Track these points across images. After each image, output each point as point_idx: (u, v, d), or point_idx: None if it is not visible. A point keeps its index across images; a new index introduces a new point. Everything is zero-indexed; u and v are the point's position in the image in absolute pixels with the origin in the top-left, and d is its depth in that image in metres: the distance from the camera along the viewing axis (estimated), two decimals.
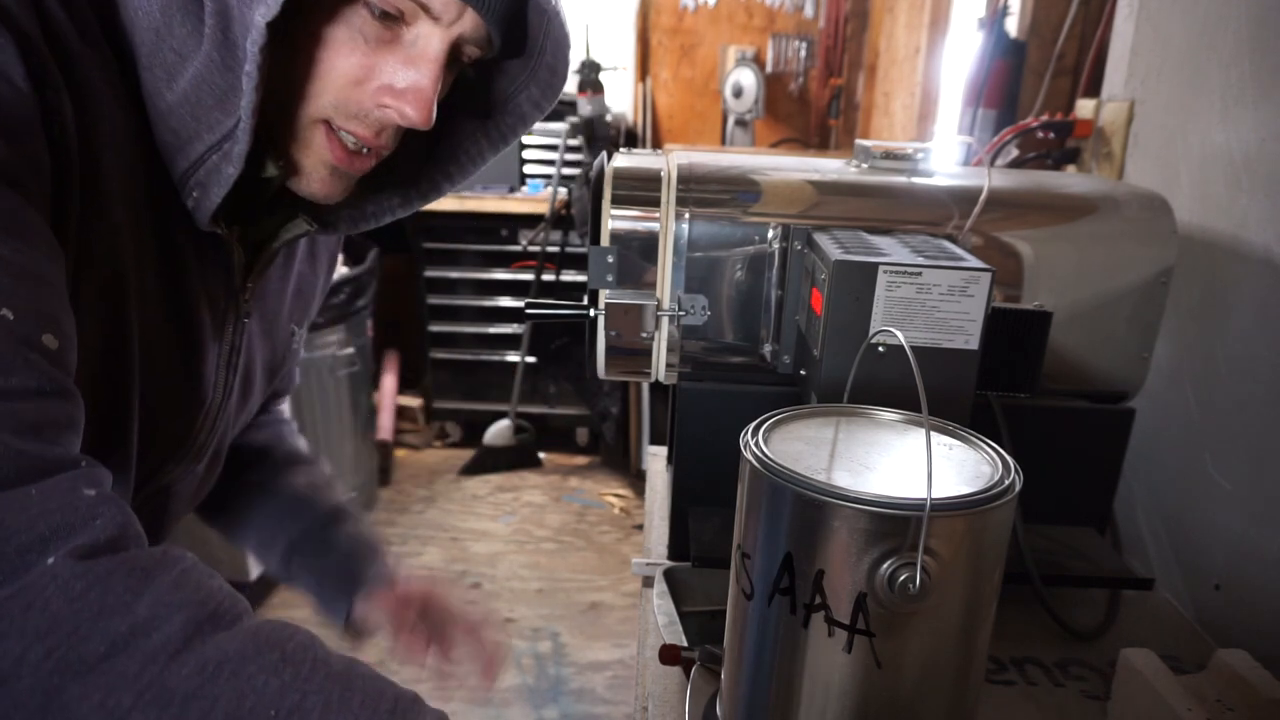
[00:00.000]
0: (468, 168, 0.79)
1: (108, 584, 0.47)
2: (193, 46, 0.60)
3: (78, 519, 0.48)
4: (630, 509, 3.34)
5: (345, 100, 0.65)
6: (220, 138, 0.63)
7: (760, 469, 0.59)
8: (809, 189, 0.96)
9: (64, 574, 0.46)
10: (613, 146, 3.14)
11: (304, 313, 0.94)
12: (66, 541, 0.47)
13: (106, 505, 0.50)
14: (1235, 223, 1.04)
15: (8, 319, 0.50)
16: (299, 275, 0.90)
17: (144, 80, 0.62)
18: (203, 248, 0.71)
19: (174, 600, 0.48)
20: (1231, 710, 0.71)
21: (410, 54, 0.65)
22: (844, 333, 0.79)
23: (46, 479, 0.49)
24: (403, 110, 0.65)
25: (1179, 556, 1.10)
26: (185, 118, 0.62)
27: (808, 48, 3.87)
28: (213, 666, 0.47)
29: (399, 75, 0.65)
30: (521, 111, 0.77)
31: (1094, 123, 1.38)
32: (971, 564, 0.58)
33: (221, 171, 0.64)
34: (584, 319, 0.97)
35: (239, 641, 0.49)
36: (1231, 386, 1.03)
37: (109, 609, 0.46)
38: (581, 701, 2.34)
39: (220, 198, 0.65)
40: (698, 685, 0.79)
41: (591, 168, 0.98)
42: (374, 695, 0.52)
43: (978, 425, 0.69)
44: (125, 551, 0.49)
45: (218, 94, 0.61)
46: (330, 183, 0.70)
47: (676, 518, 1.00)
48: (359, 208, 0.80)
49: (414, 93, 0.65)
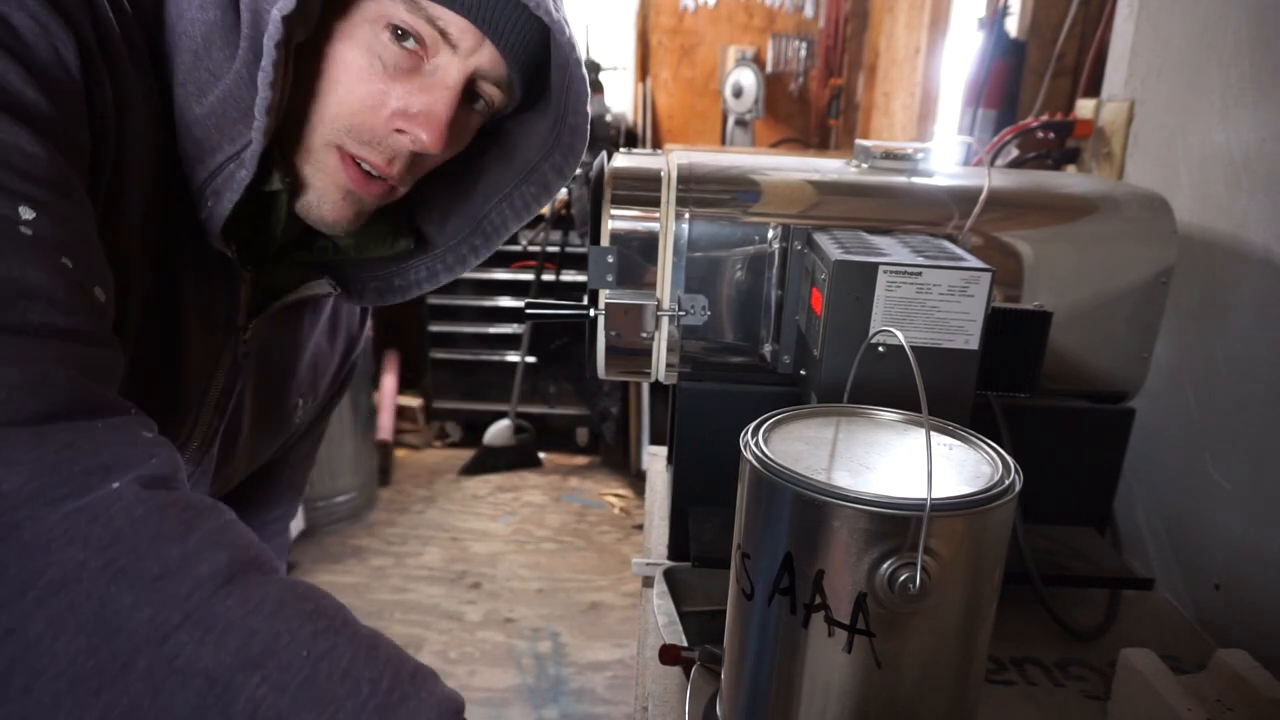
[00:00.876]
0: (493, 239, 0.80)
1: (165, 513, 0.50)
2: (226, 68, 0.63)
3: (139, 453, 0.51)
4: (630, 509, 3.34)
5: (360, 125, 0.67)
6: (240, 148, 0.64)
7: (760, 469, 0.59)
8: (809, 189, 0.96)
9: (128, 497, 0.49)
10: (613, 146, 3.14)
11: (313, 387, 0.93)
12: (130, 471, 0.50)
13: (161, 447, 0.53)
14: (1235, 223, 1.04)
15: (68, 267, 0.52)
16: (316, 346, 0.89)
17: (176, 95, 0.64)
18: (205, 276, 0.71)
19: (221, 540, 0.51)
20: (1231, 710, 0.71)
21: (427, 82, 0.66)
22: (844, 333, 0.79)
23: (110, 417, 0.52)
24: (415, 134, 0.66)
25: (1179, 556, 1.10)
26: (209, 129, 0.64)
27: (808, 48, 3.87)
28: (254, 603, 0.49)
29: (414, 100, 0.66)
30: (546, 180, 0.78)
31: (1094, 123, 1.38)
32: (971, 564, 0.58)
33: (235, 176, 0.65)
34: (584, 319, 0.97)
35: (278, 588, 0.51)
36: (1231, 386, 1.03)
37: (164, 535, 0.49)
38: (581, 701, 2.34)
39: (232, 203, 0.65)
40: (698, 685, 0.79)
41: (591, 168, 0.98)
42: (397, 659, 0.53)
43: (978, 425, 0.69)
44: (178, 490, 0.52)
45: (242, 107, 0.63)
46: (342, 207, 0.70)
47: (676, 518, 1.00)
48: (386, 280, 0.82)
49: (427, 116, 0.66)
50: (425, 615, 2.66)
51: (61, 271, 0.52)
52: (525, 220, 0.80)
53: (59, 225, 0.53)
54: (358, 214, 0.72)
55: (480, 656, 2.49)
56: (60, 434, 0.48)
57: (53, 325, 0.51)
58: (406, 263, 0.82)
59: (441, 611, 2.68)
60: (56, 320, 0.51)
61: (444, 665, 2.44)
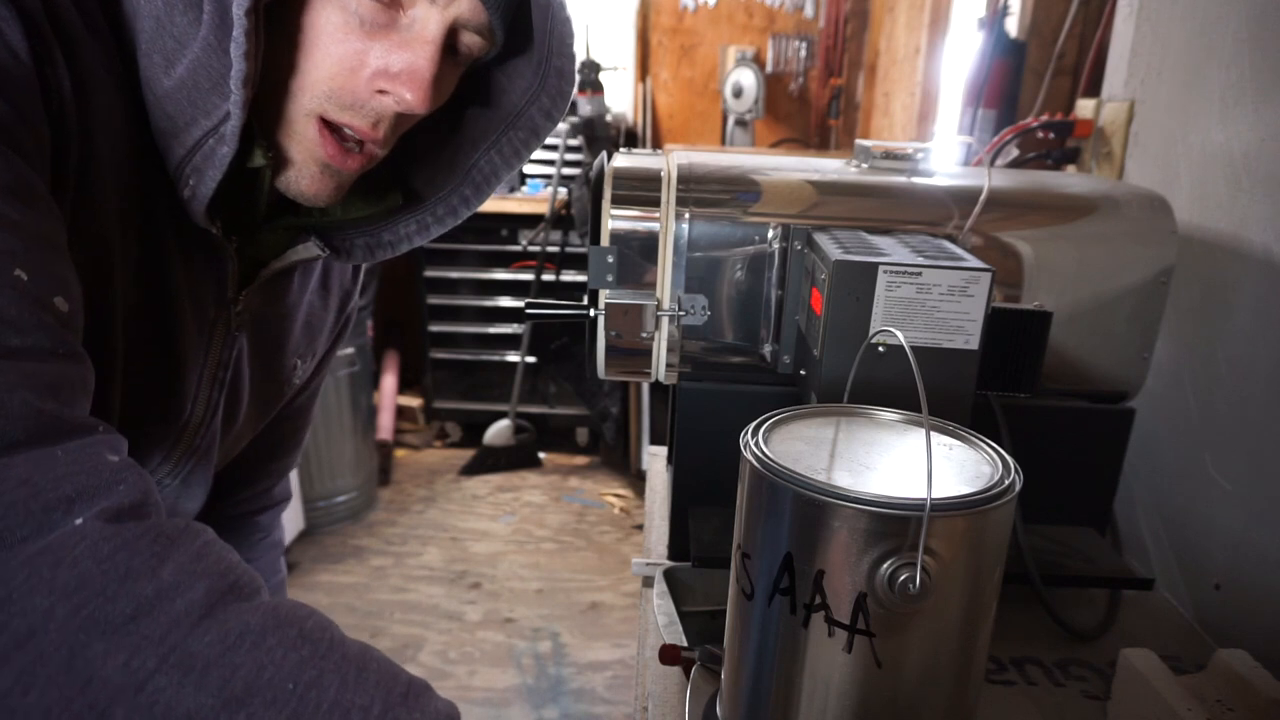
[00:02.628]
0: (483, 188, 0.78)
1: (134, 548, 0.47)
2: (192, 34, 0.60)
3: (103, 482, 0.48)
4: (630, 509, 3.34)
5: (340, 89, 0.64)
6: (217, 122, 0.61)
7: (760, 469, 0.59)
8: (809, 189, 0.96)
9: (92, 534, 0.46)
10: (613, 146, 3.14)
11: (310, 347, 0.91)
12: (93, 503, 0.47)
13: (129, 471, 0.50)
14: (1235, 223, 1.04)
15: (22, 280, 0.50)
16: (309, 305, 0.87)
17: (142, 66, 0.61)
18: (191, 251, 0.69)
19: (197, 569, 0.48)
20: (1231, 710, 0.71)
21: (406, 37, 0.63)
22: (844, 333, 0.79)
23: (70, 440, 0.49)
24: (399, 94, 0.64)
25: (1179, 556, 1.10)
26: (182, 103, 0.61)
27: (808, 48, 3.87)
28: (234, 636, 0.47)
29: (394, 58, 0.63)
30: (534, 124, 0.76)
31: (1094, 123, 1.38)
32: (971, 564, 0.58)
33: (216, 153, 0.62)
34: (584, 319, 0.97)
35: (259, 615, 0.49)
36: (1231, 386, 1.03)
37: (135, 572, 0.46)
38: (581, 701, 2.34)
39: (216, 181, 0.63)
40: (698, 685, 0.79)
41: (591, 168, 0.98)
42: (388, 677, 0.52)
43: (978, 425, 0.69)
44: (149, 519, 0.50)
45: (214, 77, 0.60)
46: (321, 180, 0.68)
47: (676, 518, 1.00)
48: (375, 235, 0.79)
49: (410, 74, 0.63)
50: (425, 615, 2.66)
51: (14, 285, 0.49)
52: (516, 168, 0.78)
53: (11, 234, 0.50)
54: (338, 187, 0.70)
55: (480, 656, 2.49)
56: (18, 468, 0.46)
57: (5, 345, 0.48)
58: (395, 218, 0.79)
59: (441, 611, 2.68)
60: (9, 340, 0.48)
61: (444, 665, 2.44)
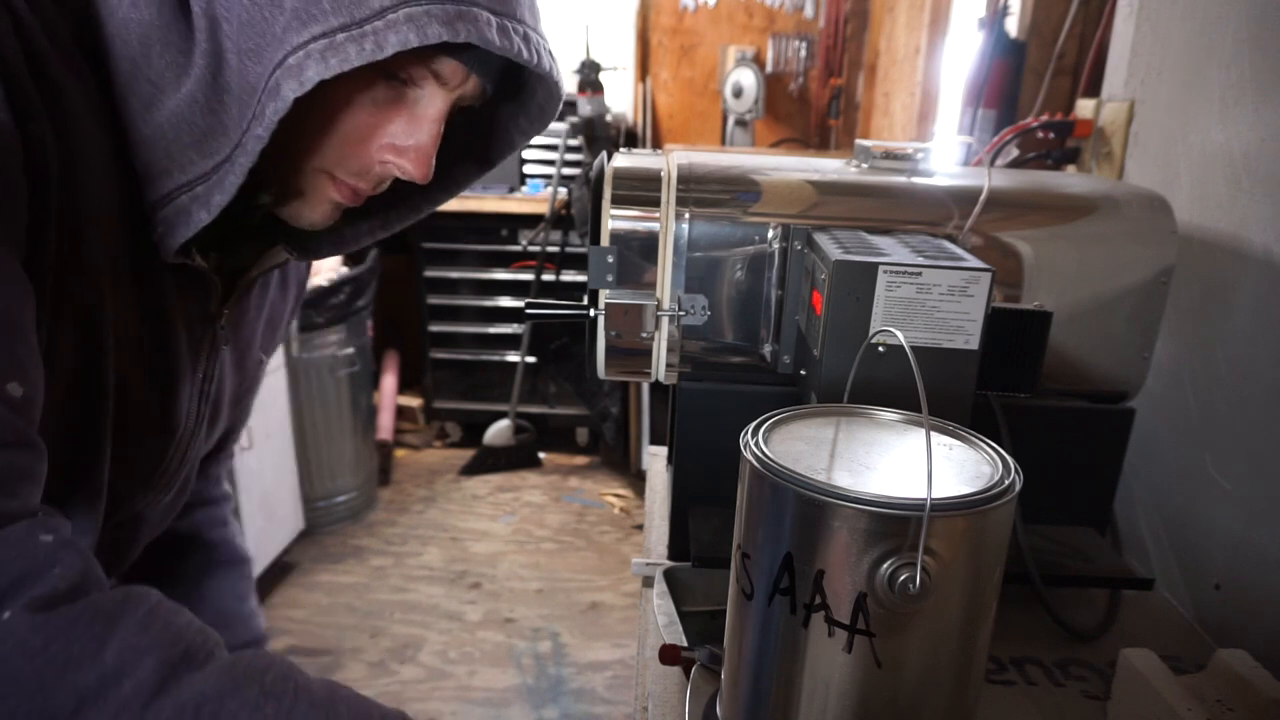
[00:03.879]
0: (452, 190, 0.80)
1: (70, 634, 0.45)
2: (170, 80, 0.59)
3: (35, 567, 0.46)
4: (630, 509, 3.34)
5: (349, 158, 0.67)
6: (193, 178, 0.61)
7: (760, 469, 0.59)
8: (809, 189, 0.96)
9: (21, 629, 0.44)
10: (613, 146, 3.14)
11: (271, 341, 0.93)
12: (24, 593, 0.45)
13: (64, 551, 0.48)
14: (1235, 223, 1.04)
15: None
16: (271, 303, 0.89)
17: (120, 106, 0.61)
18: (180, 275, 0.70)
19: (142, 644, 0.47)
20: (1231, 710, 0.71)
21: (414, 114, 0.66)
22: (844, 333, 0.79)
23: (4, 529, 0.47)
24: (404, 167, 0.67)
25: (1179, 556, 1.10)
26: (158, 153, 0.61)
27: (808, 48, 3.87)
28: (191, 709, 0.46)
29: (401, 135, 0.66)
30: (510, 139, 0.78)
31: (1094, 123, 1.38)
32: (971, 564, 0.58)
33: (192, 214, 0.62)
34: (584, 319, 0.97)
35: (215, 679, 0.47)
36: (1231, 386, 1.03)
37: (74, 660, 0.44)
38: (581, 701, 2.34)
39: (185, 238, 0.63)
40: (698, 685, 0.79)
41: (591, 168, 0.98)
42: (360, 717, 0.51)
43: (978, 425, 0.69)
44: (86, 597, 0.47)
45: (197, 134, 0.60)
46: (330, 213, 0.71)
47: (676, 518, 1.00)
48: (338, 232, 0.80)
49: (415, 151, 0.66)
50: (425, 615, 2.66)
51: None
52: (485, 173, 0.80)
53: None
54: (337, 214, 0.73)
55: (480, 656, 2.49)
56: None
57: None
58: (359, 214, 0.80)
59: (441, 611, 2.68)
60: None
61: (444, 665, 2.44)
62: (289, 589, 2.73)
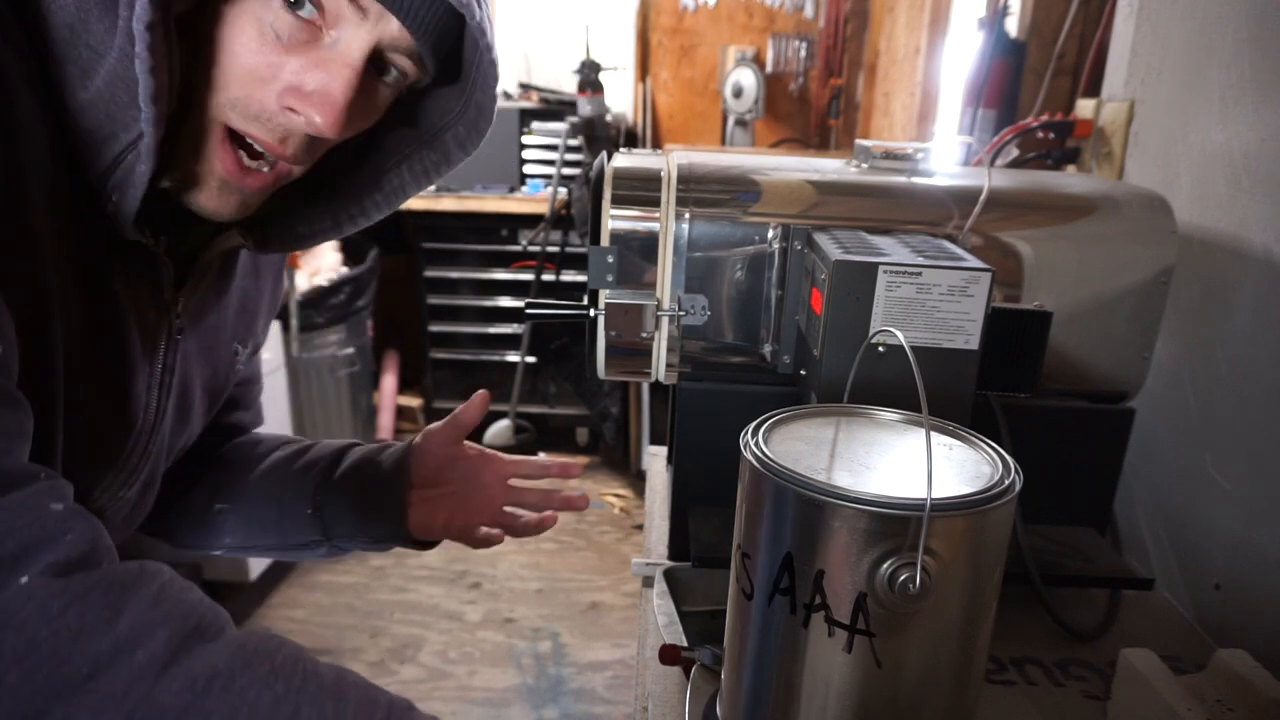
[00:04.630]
0: (392, 199, 0.76)
1: (86, 601, 0.45)
2: (108, 43, 0.57)
3: (48, 534, 0.46)
4: (630, 509, 3.34)
5: (246, 98, 0.61)
6: (136, 136, 0.59)
7: (760, 469, 0.59)
8: (809, 189, 0.96)
9: (40, 593, 0.44)
10: (613, 146, 3.14)
11: (248, 330, 0.90)
12: (39, 559, 0.45)
13: (75, 519, 0.48)
14: (1235, 223, 1.04)
15: None
16: (241, 291, 0.85)
17: (57, 77, 0.58)
18: (127, 259, 0.66)
19: (155, 616, 0.47)
20: (1231, 710, 0.71)
21: (325, 56, 0.60)
22: (844, 333, 0.79)
23: (10, 493, 0.46)
24: (309, 115, 0.60)
25: (1179, 556, 1.10)
26: (100, 116, 0.58)
27: (808, 48, 3.87)
28: (203, 682, 0.46)
29: (308, 76, 0.60)
30: (446, 149, 0.74)
31: (1094, 123, 1.38)
32: (971, 564, 0.58)
33: (135, 170, 0.59)
34: (584, 319, 0.97)
35: (227, 655, 0.48)
36: (1231, 386, 1.03)
37: (89, 627, 0.45)
38: (581, 701, 2.34)
39: (138, 199, 0.61)
40: (698, 685, 0.79)
41: (591, 168, 0.98)
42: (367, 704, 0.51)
43: (978, 425, 0.69)
44: (100, 567, 0.47)
45: (132, 91, 0.57)
46: (219, 197, 0.65)
47: (676, 518, 1.00)
48: (290, 227, 0.77)
49: (322, 96, 0.60)
50: (425, 615, 2.66)
51: None
52: (424, 186, 0.76)
53: None
54: (241, 203, 0.67)
55: (480, 656, 2.49)
56: None
57: None
58: (309, 211, 0.76)
59: (441, 611, 2.68)
60: None
61: (444, 665, 2.44)
62: (289, 589, 2.74)
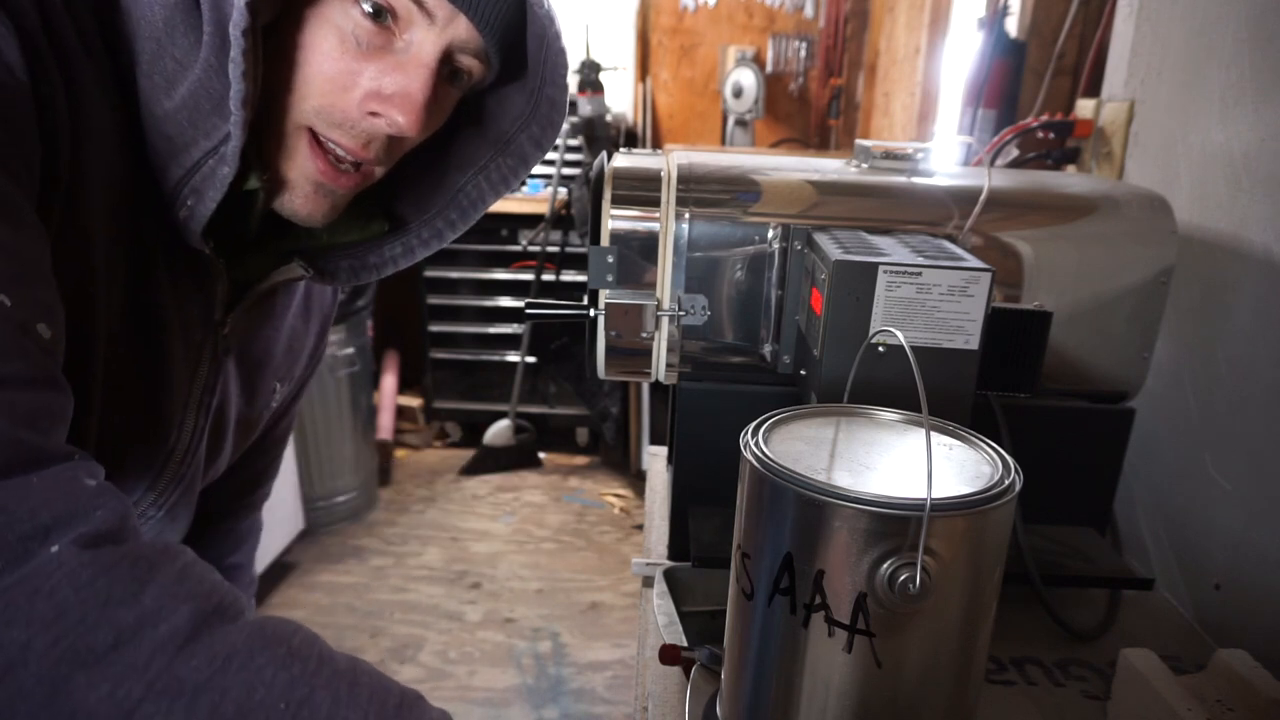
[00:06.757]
0: (469, 213, 0.77)
1: (113, 574, 0.46)
2: (193, 56, 0.59)
3: (80, 508, 0.47)
4: (630, 509, 3.34)
5: (330, 106, 0.63)
6: (217, 142, 0.61)
7: (760, 469, 0.59)
8: (809, 189, 0.96)
9: (70, 562, 0.45)
10: (613, 146, 3.14)
11: (289, 370, 0.90)
12: (70, 530, 0.46)
13: (106, 496, 0.50)
14: (1235, 223, 1.04)
15: (5, 305, 0.49)
16: (290, 329, 0.86)
17: (142, 88, 0.61)
18: (179, 273, 0.68)
19: (179, 592, 0.48)
20: (1231, 710, 0.71)
21: (401, 60, 0.63)
22: (844, 333, 0.79)
23: (46, 468, 0.48)
24: (391, 117, 0.63)
25: (1179, 556, 1.10)
26: (182, 124, 0.61)
27: (808, 48, 3.87)
28: (222, 658, 0.47)
29: (388, 80, 0.63)
30: (523, 152, 0.75)
31: (1094, 123, 1.38)
32: (971, 564, 0.58)
33: (216, 174, 0.62)
34: (584, 319, 0.97)
35: (245, 635, 0.49)
36: (1231, 386, 1.03)
37: (115, 598, 0.46)
38: (581, 701, 2.33)
39: (215, 202, 0.63)
40: (698, 685, 0.79)
41: (591, 168, 0.98)
42: (380, 691, 0.52)
43: (978, 425, 0.69)
44: (127, 543, 0.49)
45: (215, 99, 0.60)
46: (315, 200, 0.68)
47: (676, 518, 1.00)
48: (360, 258, 0.78)
49: (403, 98, 0.63)
50: (425, 615, 2.66)
51: None
52: (503, 194, 0.77)
53: None
54: (332, 207, 0.69)
55: (480, 656, 2.49)
56: None
57: None
58: (381, 241, 0.78)
59: (441, 611, 2.68)
60: None
61: (444, 665, 2.44)
62: (289, 589, 2.74)
